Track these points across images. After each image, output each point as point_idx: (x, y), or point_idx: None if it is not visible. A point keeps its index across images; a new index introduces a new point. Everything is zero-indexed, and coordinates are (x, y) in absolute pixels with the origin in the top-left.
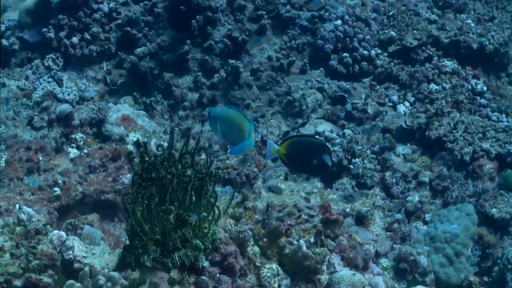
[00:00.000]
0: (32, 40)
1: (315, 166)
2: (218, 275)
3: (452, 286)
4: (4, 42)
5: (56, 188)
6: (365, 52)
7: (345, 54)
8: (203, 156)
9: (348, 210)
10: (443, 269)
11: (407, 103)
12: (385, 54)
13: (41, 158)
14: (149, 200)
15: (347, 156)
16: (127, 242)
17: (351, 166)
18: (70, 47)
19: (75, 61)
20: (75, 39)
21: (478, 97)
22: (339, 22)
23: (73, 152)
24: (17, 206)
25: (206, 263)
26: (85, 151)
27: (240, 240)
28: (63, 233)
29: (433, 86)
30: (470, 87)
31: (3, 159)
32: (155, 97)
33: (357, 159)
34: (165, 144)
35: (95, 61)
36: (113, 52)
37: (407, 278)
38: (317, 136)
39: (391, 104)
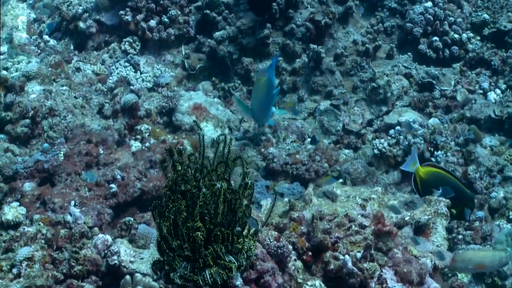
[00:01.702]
0: (109, 22)
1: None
2: None
3: None
4: (81, 24)
5: (112, 185)
6: (456, 35)
7: (435, 38)
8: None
9: (407, 218)
10: None
11: (498, 91)
12: (478, 38)
13: (102, 152)
14: (176, 215)
15: (429, 148)
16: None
17: (432, 159)
18: (147, 31)
19: (153, 45)
20: (152, 22)
21: None
22: (429, 4)
23: (135, 145)
24: (72, 203)
25: (239, 281)
26: (147, 144)
27: (279, 256)
28: (108, 237)
29: None
30: None
31: (62, 152)
32: (233, 82)
33: (439, 152)
34: (239, 135)
35: (173, 45)
36: (192, 35)
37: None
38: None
39: (481, 91)
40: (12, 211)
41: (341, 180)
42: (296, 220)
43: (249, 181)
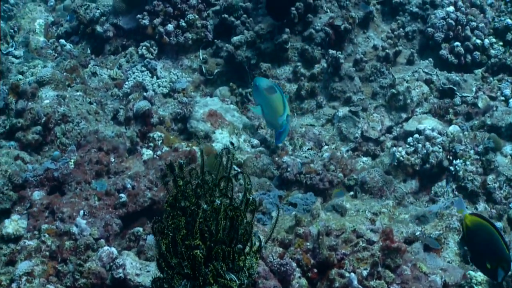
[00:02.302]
0: (126, 26)
1: (484, 267)
2: None
3: None
4: (98, 28)
5: (122, 195)
6: (478, 41)
7: (456, 43)
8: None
9: (417, 233)
10: None
11: None
12: (500, 44)
13: (113, 160)
14: (174, 233)
15: (448, 156)
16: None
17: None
18: (164, 35)
19: (170, 49)
20: (170, 26)
21: None
22: (451, 8)
23: (147, 153)
24: (81, 213)
25: None
26: (159, 152)
27: (282, 273)
28: (113, 250)
29: None
30: None
31: (72, 160)
32: (251, 88)
33: (458, 160)
34: (255, 142)
35: (191, 50)
36: (210, 40)
37: None
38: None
39: (503, 98)
40: (13, 224)
41: (351, 193)
42: (301, 236)
43: (251, 197)
